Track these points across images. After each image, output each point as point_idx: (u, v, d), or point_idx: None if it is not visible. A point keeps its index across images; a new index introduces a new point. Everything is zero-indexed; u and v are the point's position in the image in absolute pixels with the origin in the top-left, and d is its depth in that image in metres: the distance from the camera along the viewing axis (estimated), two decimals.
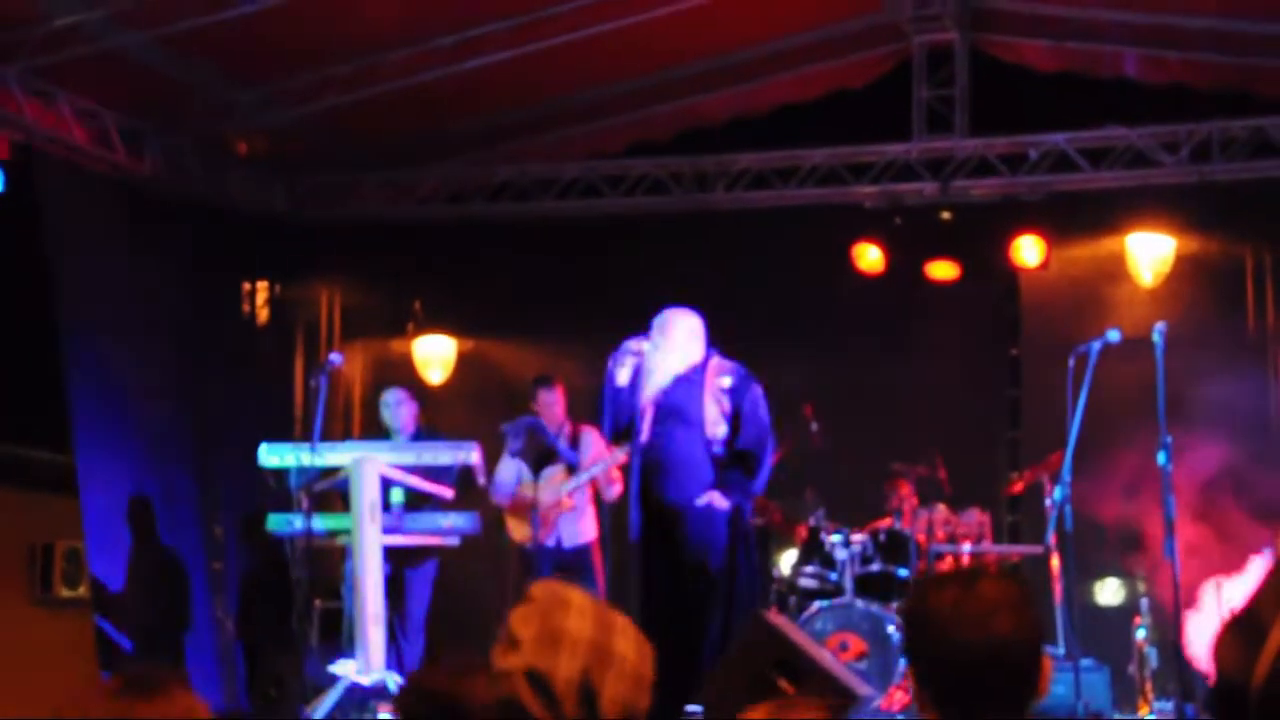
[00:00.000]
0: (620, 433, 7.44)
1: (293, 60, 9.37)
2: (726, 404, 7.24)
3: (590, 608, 2.61)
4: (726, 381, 7.28)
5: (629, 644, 2.61)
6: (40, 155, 9.10)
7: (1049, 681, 2.52)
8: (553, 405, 8.96)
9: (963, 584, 2.52)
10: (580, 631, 2.57)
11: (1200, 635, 6.96)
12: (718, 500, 7.17)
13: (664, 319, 7.39)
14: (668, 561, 7.20)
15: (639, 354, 7.25)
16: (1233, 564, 6.99)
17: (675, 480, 7.19)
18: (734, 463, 7.23)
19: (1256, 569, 6.58)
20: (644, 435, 7.20)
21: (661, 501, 7.17)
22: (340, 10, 8.82)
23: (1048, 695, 2.63)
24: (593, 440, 8.93)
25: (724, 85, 10.38)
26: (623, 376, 7.25)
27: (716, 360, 7.39)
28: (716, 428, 7.24)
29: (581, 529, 8.90)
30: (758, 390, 7.33)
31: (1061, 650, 7.91)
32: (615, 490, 8.66)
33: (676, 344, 7.31)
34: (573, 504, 8.80)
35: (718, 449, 7.24)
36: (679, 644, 7.03)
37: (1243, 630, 2.72)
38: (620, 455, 7.65)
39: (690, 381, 7.32)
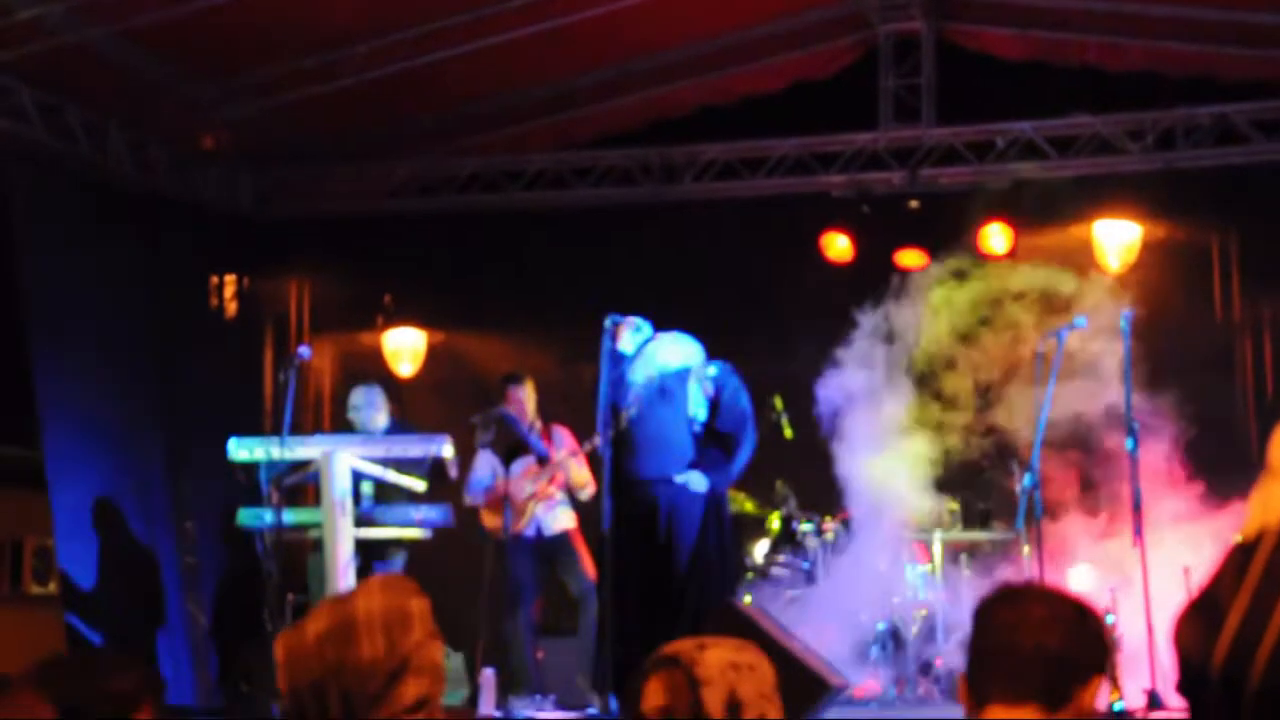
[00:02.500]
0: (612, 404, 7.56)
1: (259, 54, 9.32)
2: (710, 388, 7.46)
3: (333, 606, 2.70)
4: (712, 370, 7.51)
5: (368, 650, 2.67)
6: (2, 150, 9.04)
7: (1097, 702, 2.53)
8: (523, 402, 8.97)
9: (1027, 596, 2.56)
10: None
11: (1167, 620, 7.01)
12: (695, 480, 7.26)
13: (671, 335, 7.63)
14: (643, 543, 7.26)
15: (639, 330, 7.48)
16: (1198, 549, 7.03)
17: (655, 457, 7.33)
18: (713, 443, 7.37)
19: (1217, 554, 6.62)
20: (631, 410, 7.34)
21: (639, 478, 7.26)
22: (305, 3, 8.79)
23: None
24: (564, 437, 8.95)
25: (691, 76, 10.38)
26: (627, 344, 7.43)
27: (701, 352, 7.67)
28: (698, 409, 7.45)
29: (560, 516, 8.92)
30: (740, 382, 7.55)
31: None
32: (589, 492, 8.70)
33: (669, 346, 7.49)
34: (550, 492, 8.82)
35: (698, 428, 7.44)
36: (652, 625, 7.07)
37: (1201, 613, 2.75)
38: (589, 446, 7.74)
39: (678, 372, 7.52)
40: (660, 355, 7.63)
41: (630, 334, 7.58)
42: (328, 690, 2.59)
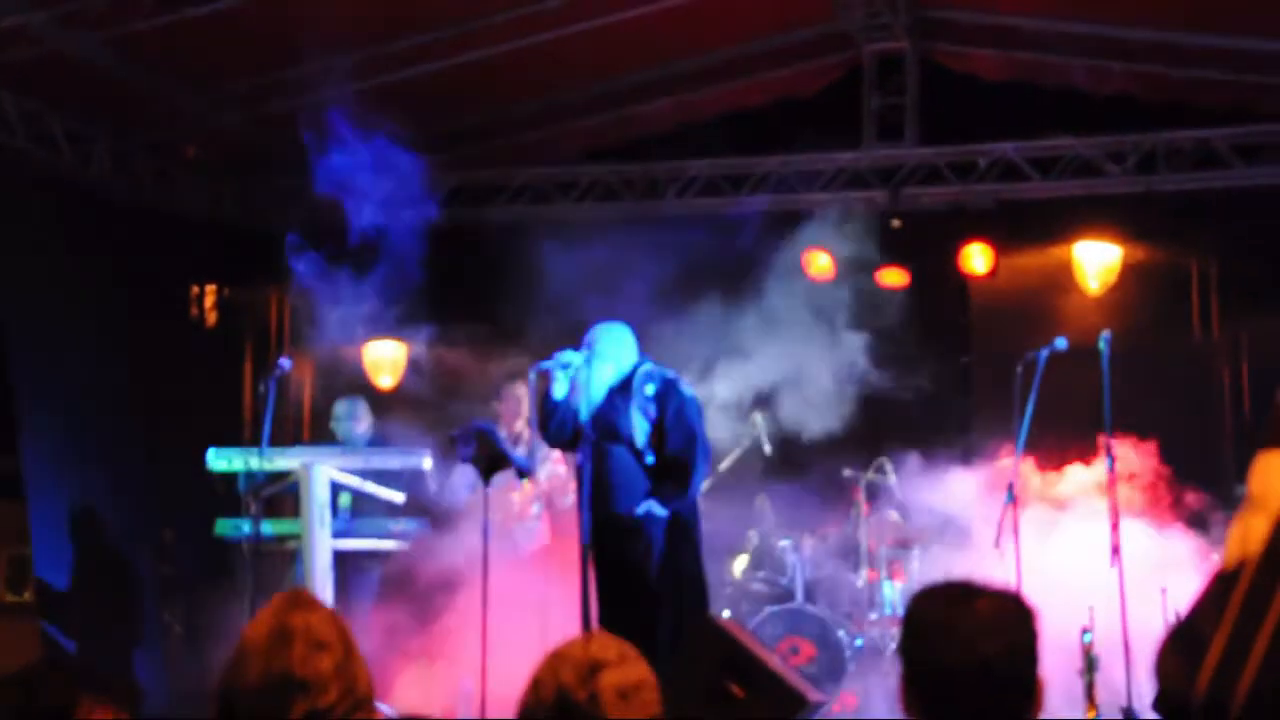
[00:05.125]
0: (565, 443, 7.45)
1: (242, 64, 9.32)
2: (652, 411, 7.26)
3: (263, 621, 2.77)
4: (650, 389, 7.28)
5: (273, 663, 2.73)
6: None
7: (1043, 702, 2.52)
8: (519, 400, 8.99)
9: (962, 598, 2.52)
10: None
11: (1144, 641, 7.04)
12: (656, 509, 7.19)
13: (593, 334, 7.43)
14: (614, 572, 7.23)
15: (569, 366, 7.25)
16: (1177, 571, 7.06)
17: (614, 495, 7.22)
18: (665, 471, 7.24)
19: (1199, 578, 6.65)
20: (580, 455, 7.21)
21: (605, 514, 7.20)
22: (289, 15, 8.78)
23: None
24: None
25: (675, 92, 10.41)
26: (560, 389, 7.26)
27: (645, 368, 7.40)
28: (646, 439, 7.24)
29: (538, 534, 8.90)
30: (684, 396, 7.32)
31: None
32: (569, 500, 8.67)
33: (606, 355, 7.34)
34: (528, 511, 8.81)
35: (649, 458, 7.24)
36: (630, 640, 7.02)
37: (1183, 642, 2.76)
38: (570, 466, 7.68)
39: (620, 394, 7.33)
40: (596, 384, 7.37)
41: (561, 375, 7.33)
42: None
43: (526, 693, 2.81)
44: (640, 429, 7.23)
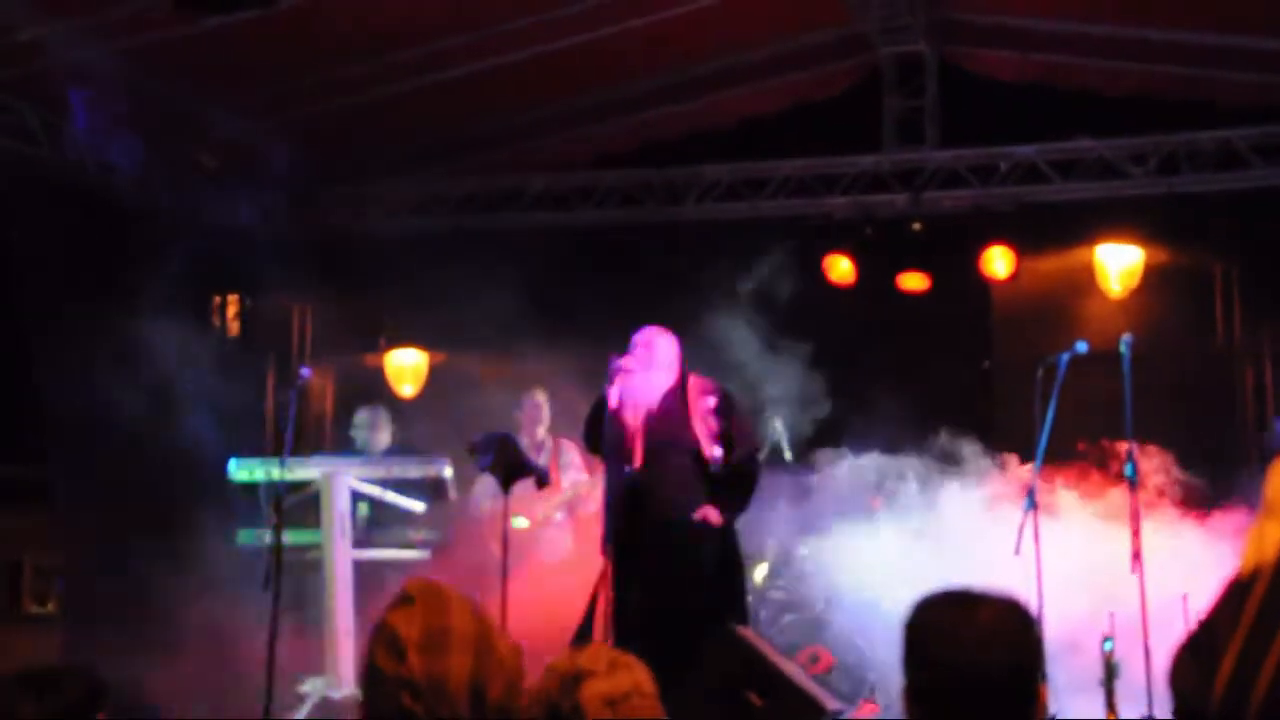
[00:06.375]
0: (615, 453, 7.35)
1: (260, 74, 9.34)
2: (714, 424, 7.19)
3: (468, 604, 2.55)
4: (711, 401, 7.23)
5: (506, 643, 2.56)
6: (6, 169, 9.05)
7: (1046, 710, 2.51)
8: (540, 406, 8.99)
9: (963, 607, 2.50)
10: (465, 629, 2.50)
11: (1165, 648, 6.99)
12: (713, 516, 7.14)
13: (647, 338, 7.35)
14: (661, 580, 7.12)
15: (623, 372, 7.21)
16: (1198, 578, 7.00)
17: (671, 501, 7.13)
18: (730, 479, 7.19)
19: (1214, 584, 6.60)
20: (638, 460, 7.14)
21: (655, 521, 7.11)
22: (307, 24, 8.80)
23: None
24: (572, 452, 8.91)
25: (693, 97, 10.39)
26: (614, 397, 7.21)
27: (695, 379, 7.34)
28: (710, 449, 7.17)
29: (561, 543, 8.89)
30: (742, 407, 7.31)
31: None
32: (592, 506, 8.64)
33: (661, 363, 7.29)
34: (551, 517, 8.80)
35: (714, 468, 7.17)
36: (655, 658, 6.96)
37: (1198, 652, 2.73)
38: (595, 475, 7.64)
39: (675, 402, 7.27)
40: (651, 385, 7.32)
41: (614, 382, 7.27)
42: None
43: (526, 705, 2.81)
44: (705, 439, 7.16)
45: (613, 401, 7.20)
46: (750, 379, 9.00)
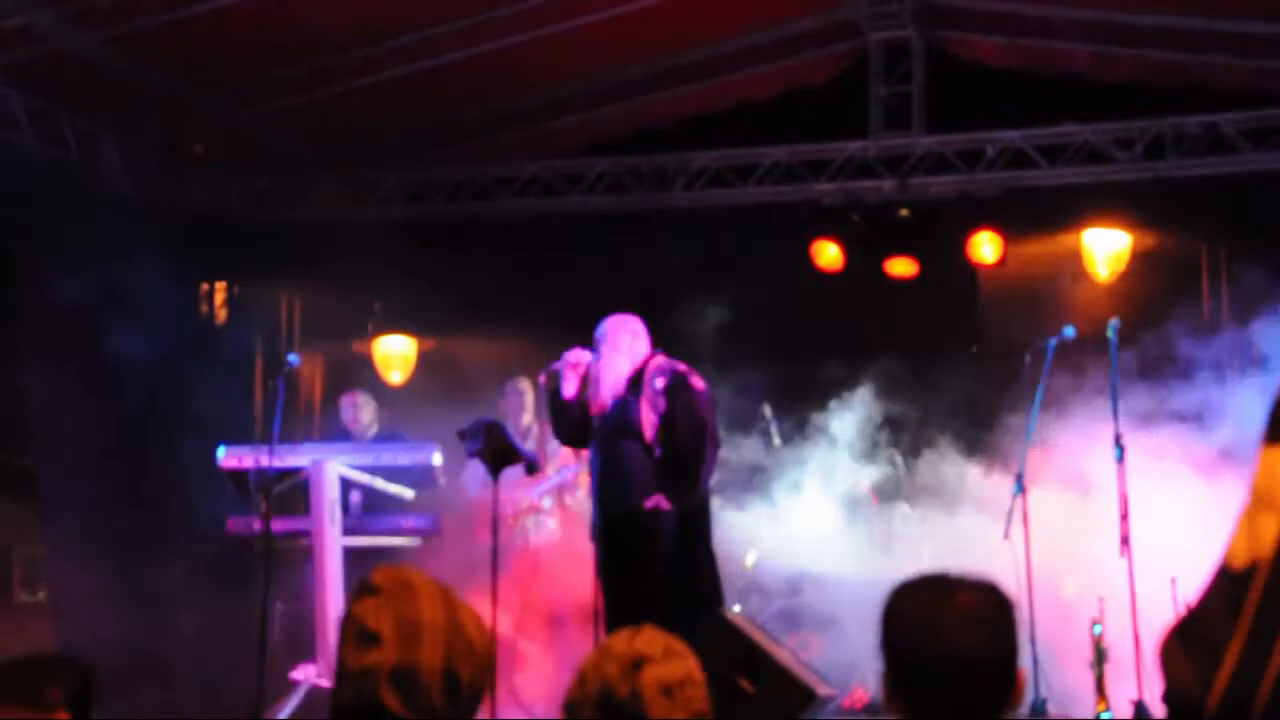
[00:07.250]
0: (579, 439, 7.48)
1: (250, 61, 9.33)
2: (662, 404, 7.19)
3: (437, 591, 2.51)
4: (659, 383, 7.21)
5: (475, 626, 2.53)
6: None
7: (1024, 694, 2.52)
8: (523, 394, 9.00)
9: (940, 592, 2.51)
10: (435, 617, 2.46)
11: (1155, 632, 7.01)
12: (663, 503, 7.15)
13: (603, 328, 7.40)
14: (623, 567, 7.20)
15: (579, 365, 7.26)
16: (1187, 561, 7.03)
17: (625, 490, 7.18)
18: (673, 465, 7.19)
19: (1203, 570, 6.62)
20: (595, 450, 7.23)
21: (615, 509, 7.18)
22: (297, 11, 8.79)
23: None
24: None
25: (681, 84, 10.39)
26: (568, 387, 7.28)
27: (656, 361, 7.34)
28: (655, 433, 7.19)
29: (550, 527, 8.90)
30: (694, 389, 7.25)
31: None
32: (580, 494, 8.67)
33: (619, 349, 7.31)
34: (539, 505, 8.81)
35: (658, 452, 7.18)
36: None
37: (1190, 640, 2.73)
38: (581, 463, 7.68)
39: (631, 388, 7.28)
40: (610, 372, 7.33)
41: (570, 373, 7.31)
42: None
43: (572, 687, 2.78)
44: (650, 423, 7.18)
45: (567, 391, 7.26)
46: (736, 365, 9.01)
